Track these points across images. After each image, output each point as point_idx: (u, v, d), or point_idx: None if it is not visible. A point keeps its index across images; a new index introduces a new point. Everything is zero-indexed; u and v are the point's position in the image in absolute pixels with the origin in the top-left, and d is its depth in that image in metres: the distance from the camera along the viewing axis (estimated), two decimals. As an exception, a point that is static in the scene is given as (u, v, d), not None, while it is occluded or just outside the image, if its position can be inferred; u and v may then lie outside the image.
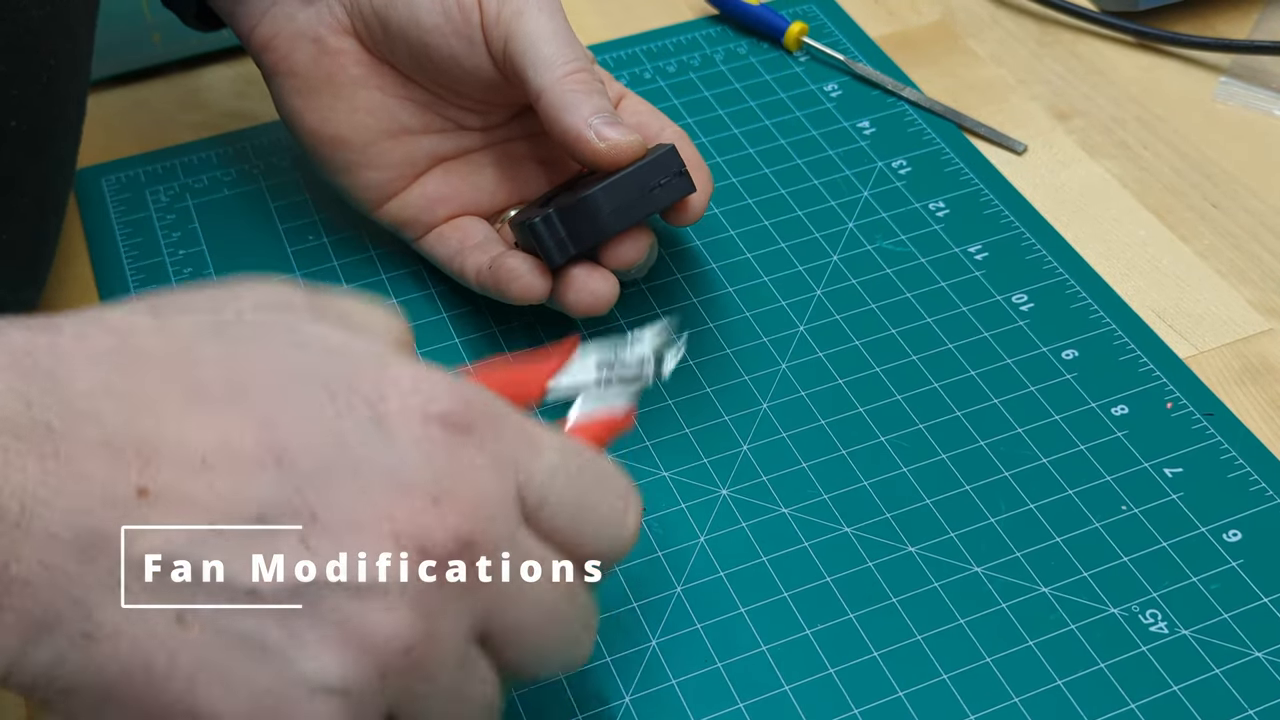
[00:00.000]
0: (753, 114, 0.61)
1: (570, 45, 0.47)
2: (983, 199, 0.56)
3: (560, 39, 0.46)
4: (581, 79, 0.46)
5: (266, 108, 0.61)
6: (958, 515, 0.45)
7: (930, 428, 0.48)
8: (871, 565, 0.44)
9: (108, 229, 0.56)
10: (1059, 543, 0.44)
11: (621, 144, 0.45)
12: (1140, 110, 0.61)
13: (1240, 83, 0.61)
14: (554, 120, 0.46)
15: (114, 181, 0.58)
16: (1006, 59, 0.64)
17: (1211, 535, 0.44)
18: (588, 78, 0.46)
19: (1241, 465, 0.46)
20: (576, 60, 0.46)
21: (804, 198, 0.57)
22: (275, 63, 0.50)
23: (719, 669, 0.42)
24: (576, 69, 0.46)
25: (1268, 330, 0.52)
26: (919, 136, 0.59)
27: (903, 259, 0.54)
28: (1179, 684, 0.41)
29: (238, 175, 0.59)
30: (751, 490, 0.46)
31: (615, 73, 0.63)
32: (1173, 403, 0.48)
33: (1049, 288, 0.53)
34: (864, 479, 0.46)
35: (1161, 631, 0.42)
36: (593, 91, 0.46)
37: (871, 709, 0.40)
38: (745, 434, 0.48)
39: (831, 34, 0.65)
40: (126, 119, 0.62)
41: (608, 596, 0.43)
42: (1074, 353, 0.50)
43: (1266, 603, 0.43)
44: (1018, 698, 0.41)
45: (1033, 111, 0.61)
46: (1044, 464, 0.47)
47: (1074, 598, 0.43)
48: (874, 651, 0.42)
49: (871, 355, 0.50)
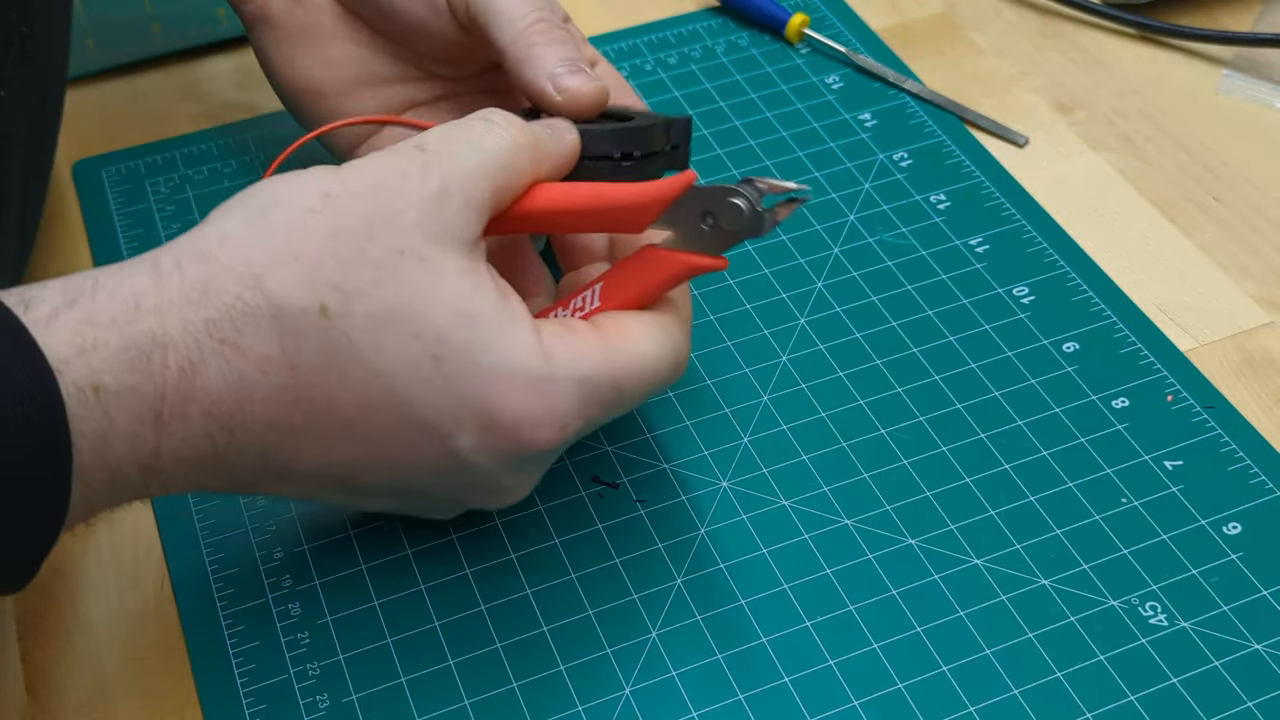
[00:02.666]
0: (754, 106, 0.61)
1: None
2: (984, 191, 0.56)
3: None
4: (541, 28, 0.45)
5: (267, 99, 0.61)
6: (958, 507, 0.45)
7: (931, 420, 0.48)
8: (872, 557, 0.44)
9: (107, 220, 0.56)
10: (1059, 535, 0.44)
11: (580, 93, 0.43)
12: (1142, 103, 0.61)
13: (1243, 75, 0.61)
14: (517, 77, 0.45)
15: (114, 173, 0.58)
16: (1008, 51, 0.64)
17: (1211, 528, 0.44)
18: (547, 27, 0.45)
19: (1242, 458, 0.46)
20: (535, 12, 0.45)
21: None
22: (253, 13, 0.51)
23: (719, 660, 0.42)
24: (536, 20, 0.45)
25: (1268, 323, 0.52)
26: (920, 129, 0.59)
27: (904, 251, 0.54)
28: (1178, 676, 0.41)
29: (238, 166, 0.58)
30: (752, 482, 0.46)
31: (617, 64, 0.63)
32: (1173, 395, 0.48)
33: (1050, 280, 0.53)
34: (864, 471, 0.46)
35: (1161, 624, 0.42)
36: (553, 41, 0.45)
37: (871, 700, 0.40)
38: (746, 426, 0.48)
39: (833, 26, 0.65)
40: (126, 110, 0.62)
41: (609, 589, 0.43)
42: (1075, 345, 0.50)
43: (1266, 595, 0.43)
44: (1017, 689, 0.41)
45: (1034, 104, 0.61)
46: (1044, 456, 0.47)
47: (1074, 590, 0.43)
48: (874, 643, 0.42)
49: (872, 348, 0.50)
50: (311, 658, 0.42)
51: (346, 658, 0.42)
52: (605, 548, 0.44)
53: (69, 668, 0.42)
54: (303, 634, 0.42)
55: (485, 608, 0.43)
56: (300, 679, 0.41)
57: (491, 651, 0.42)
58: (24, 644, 0.43)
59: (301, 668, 0.42)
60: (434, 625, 0.43)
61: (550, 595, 0.43)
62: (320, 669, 0.42)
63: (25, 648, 0.43)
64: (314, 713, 0.41)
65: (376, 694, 0.41)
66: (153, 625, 0.43)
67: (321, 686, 0.41)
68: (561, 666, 0.41)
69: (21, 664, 0.43)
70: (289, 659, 0.42)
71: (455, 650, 0.42)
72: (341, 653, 0.42)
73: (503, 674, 0.41)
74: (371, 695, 0.41)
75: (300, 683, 0.41)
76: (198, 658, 0.42)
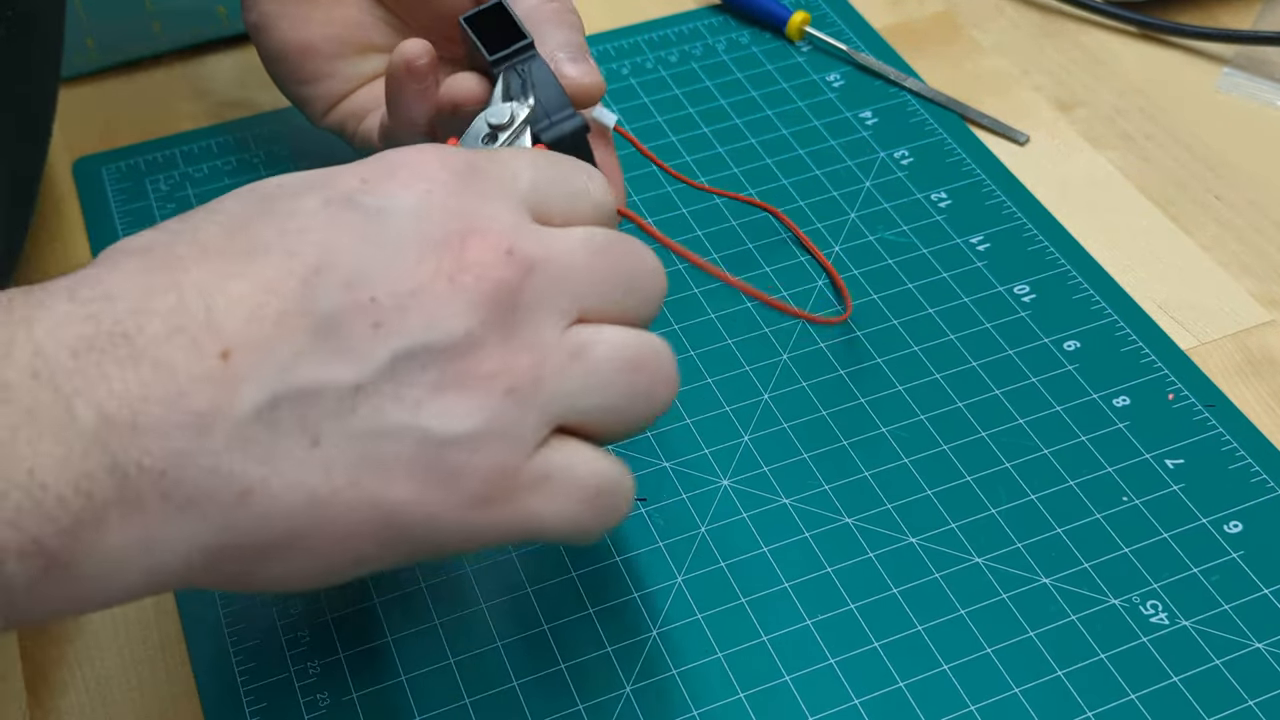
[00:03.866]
0: (755, 104, 0.61)
1: None
2: (985, 190, 0.56)
3: None
4: (553, 8, 0.46)
5: (267, 96, 0.61)
6: (959, 506, 0.45)
7: (931, 418, 0.48)
8: (872, 556, 0.44)
9: (107, 217, 0.56)
10: (1060, 534, 0.44)
11: (577, 83, 0.45)
12: (1143, 101, 0.61)
13: (1244, 74, 0.61)
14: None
15: (114, 170, 0.58)
16: (1009, 49, 0.64)
17: (1212, 526, 0.44)
18: (559, 8, 0.46)
19: (1243, 457, 0.46)
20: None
21: (805, 188, 0.57)
22: None
23: (720, 659, 0.42)
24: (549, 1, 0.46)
25: (1269, 322, 0.51)
26: (921, 127, 0.59)
27: (904, 249, 0.54)
28: (1179, 675, 0.41)
29: (238, 164, 0.58)
30: (753, 481, 0.46)
31: (617, 62, 0.63)
32: (1174, 394, 0.48)
33: (1051, 279, 0.53)
34: (865, 470, 0.46)
35: (1162, 623, 0.42)
36: (561, 24, 0.46)
37: (872, 699, 0.40)
38: (746, 425, 0.48)
39: (834, 24, 0.65)
40: (127, 107, 0.62)
41: (609, 588, 0.43)
42: (1076, 344, 0.50)
43: (1267, 594, 0.43)
44: (1018, 688, 0.41)
45: (1035, 102, 0.61)
46: (1045, 455, 0.47)
47: (1075, 588, 0.43)
48: (875, 642, 0.42)
49: (873, 346, 0.50)
50: (312, 656, 0.42)
51: (347, 656, 0.42)
52: (606, 546, 0.44)
53: (69, 668, 0.42)
54: (303, 632, 0.42)
55: (485, 606, 0.43)
56: (300, 677, 0.41)
57: (492, 650, 0.42)
58: (24, 644, 0.43)
59: (302, 666, 0.42)
60: (434, 624, 0.43)
61: (550, 593, 0.43)
62: (320, 667, 0.42)
63: (25, 648, 0.43)
64: (314, 711, 0.41)
65: (376, 692, 0.41)
66: (152, 625, 0.43)
67: (322, 685, 0.41)
68: (562, 665, 0.41)
69: (21, 664, 0.43)
70: (289, 657, 0.42)
71: (455, 649, 0.42)
72: (342, 651, 0.42)
73: (503, 673, 0.41)
74: (372, 694, 0.41)
75: (300, 681, 0.41)
76: (197, 656, 0.42)
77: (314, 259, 0.32)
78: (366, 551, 0.32)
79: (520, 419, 0.33)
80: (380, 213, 0.33)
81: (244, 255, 0.32)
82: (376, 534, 0.32)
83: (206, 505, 0.30)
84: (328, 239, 0.32)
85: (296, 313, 0.31)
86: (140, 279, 0.31)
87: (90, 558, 0.29)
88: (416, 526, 0.32)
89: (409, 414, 0.32)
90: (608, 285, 0.35)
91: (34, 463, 0.28)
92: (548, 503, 0.34)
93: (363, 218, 0.33)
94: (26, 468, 0.28)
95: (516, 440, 0.33)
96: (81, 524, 0.29)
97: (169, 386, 0.30)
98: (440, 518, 0.32)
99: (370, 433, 0.31)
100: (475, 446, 0.32)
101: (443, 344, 0.32)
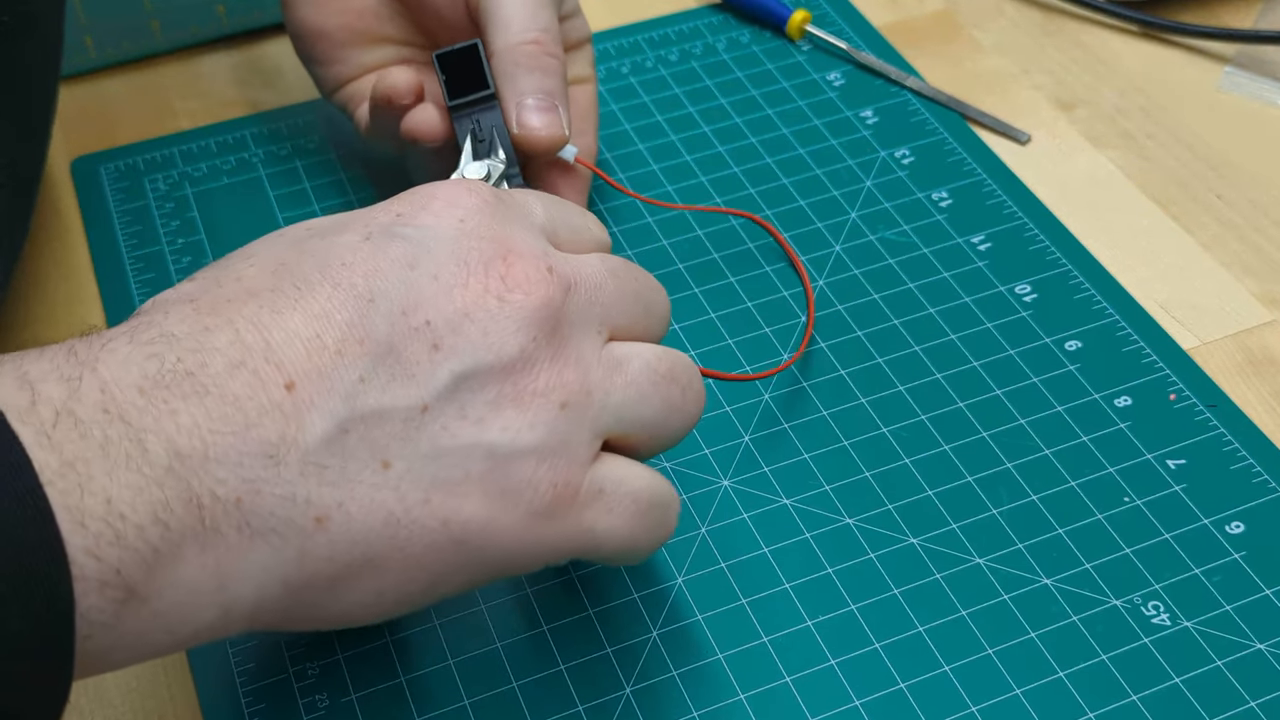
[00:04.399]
0: (755, 103, 0.61)
1: (533, 12, 0.47)
2: (986, 189, 0.56)
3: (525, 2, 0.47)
4: (529, 51, 0.47)
5: (267, 95, 0.61)
6: (960, 506, 0.45)
7: (932, 419, 0.48)
8: (873, 556, 0.44)
9: (106, 216, 0.56)
10: (1061, 534, 0.44)
11: (534, 135, 0.47)
12: (1144, 100, 0.61)
13: (1245, 73, 0.61)
14: (496, 87, 0.48)
15: (112, 169, 0.58)
16: (1010, 48, 0.64)
17: (1214, 527, 0.44)
18: (537, 50, 0.47)
19: (1244, 457, 0.46)
20: (533, 30, 0.47)
21: (806, 187, 0.57)
22: None
23: (720, 660, 0.41)
24: (530, 39, 0.47)
25: (1271, 322, 0.51)
26: (922, 126, 0.59)
27: (905, 249, 0.54)
28: (1181, 676, 0.41)
29: (237, 164, 0.58)
30: (753, 481, 0.46)
31: (617, 61, 0.63)
32: (1176, 394, 0.48)
33: (1052, 278, 0.52)
34: (866, 470, 0.46)
35: (1164, 623, 0.42)
36: (535, 69, 0.47)
37: (873, 700, 0.40)
38: (747, 425, 0.48)
39: (834, 23, 0.65)
40: (125, 106, 0.62)
41: (609, 588, 0.43)
42: (1077, 344, 0.50)
43: (1269, 595, 0.42)
44: (1020, 689, 0.40)
45: (1036, 101, 0.61)
46: (1046, 455, 0.46)
47: (1076, 589, 0.43)
48: (876, 643, 0.42)
49: (874, 346, 0.50)
50: (310, 657, 0.42)
51: (345, 657, 0.42)
52: (605, 547, 0.44)
53: (67, 667, 0.42)
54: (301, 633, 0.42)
55: (484, 606, 0.43)
56: (299, 678, 0.41)
57: (491, 651, 0.42)
58: (22, 643, 0.43)
59: (300, 667, 0.41)
60: (434, 624, 0.42)
61: (550, 594, 0.43)
62: (319, 668, 0.41)
63: (23, 647, 0.43)
64: (313, 712, 0.40)
65: (375, 693, 0.41)
66: (151, 624, 0.43)
67: (320, 686, 0.41)
68: (561, 666, 0.41)
69: (20, 663, 0.42)
70: (288, 658, 0.42)
71: (455, 650, 0.42)
72: (340, 652, 0.42)
73: (503, 674, 0.41)
74: (370, 695, 0.41)
75: (299, 682, 0.41)
76: (197, 656, 0.42)
77: (365, 288, 0.33)
78: (438, 573, 0.33)
79: (575, 432, 0.34)
80: (421, 241, 0.34)
81: (291, 291, 0.33)
82: (447, 554, 0.33)
83: (283, 533, 0.31)
84: (376, 269, 0.33)
85: (355, 340, 0.32)
86: (194, 320, 0.32)
87: (167, 590, 0.29)
88: (486, 543, 0.33)
89: (475, 431, 0.33)
90: (628, 303, 0.37)
91: (112, 493, 0.28)
92: (604, 516, 0.35)
93: (406, 246, 0.34)
94: (105, 498, 0.28)
95: (574, 454, 0.34)
96: (159, 555, 0.29)
97: (237, 419, 0.30)
98: (508, 533, 0.33)
99: (440, 451, 0.32)
100: (539, 460, 0.33)
101: (500, 362, 0.33)
